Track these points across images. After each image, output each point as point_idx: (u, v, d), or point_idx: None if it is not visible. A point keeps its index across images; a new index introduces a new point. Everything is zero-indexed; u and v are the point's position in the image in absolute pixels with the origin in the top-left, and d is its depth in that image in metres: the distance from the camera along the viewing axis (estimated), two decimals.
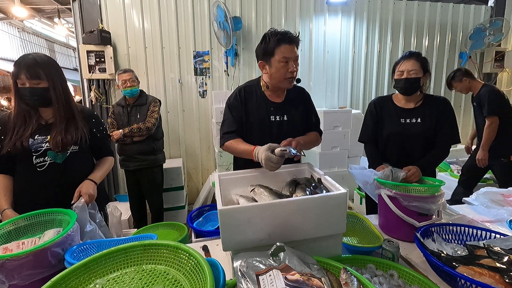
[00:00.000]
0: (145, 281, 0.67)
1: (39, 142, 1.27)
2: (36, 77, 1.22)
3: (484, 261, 0.89)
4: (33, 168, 1.27)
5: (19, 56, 1.24)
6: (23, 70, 1.20)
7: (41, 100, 1.26)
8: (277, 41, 1.31)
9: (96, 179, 1.37)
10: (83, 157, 1.40)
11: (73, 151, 1.32)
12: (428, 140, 1.58)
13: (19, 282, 0.84)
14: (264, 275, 0.68)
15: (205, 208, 2.04)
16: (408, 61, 1.55)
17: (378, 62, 4.08)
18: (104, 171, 1.45)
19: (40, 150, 1.27)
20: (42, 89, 1.24)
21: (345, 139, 3.32)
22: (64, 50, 11.77)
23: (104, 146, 1.51)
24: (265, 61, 1.37)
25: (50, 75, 1.26)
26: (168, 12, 3.38)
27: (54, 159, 1.29)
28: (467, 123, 4.58)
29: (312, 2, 3.73)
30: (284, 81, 1.38)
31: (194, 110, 3.64)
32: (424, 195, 1.26)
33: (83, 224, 1.14)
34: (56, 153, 1.28)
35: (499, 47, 4.31)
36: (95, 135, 1.42)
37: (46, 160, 1.28)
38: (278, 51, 1.32)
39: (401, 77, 1.56)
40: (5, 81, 7.25)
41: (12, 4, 5.93)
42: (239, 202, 1.10)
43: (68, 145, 1.29)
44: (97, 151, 1.49)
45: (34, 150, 1.26)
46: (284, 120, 1.46)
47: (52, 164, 1.29)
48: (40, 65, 1.23)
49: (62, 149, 1.28)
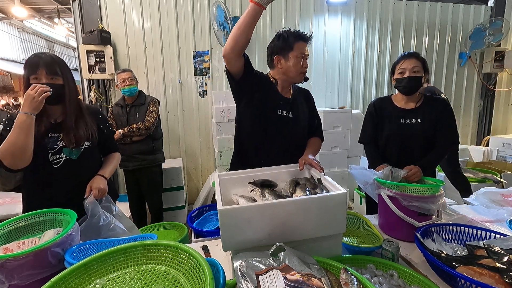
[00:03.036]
0: (145, 281, 0.67)
1: (54, 140, 1.30)
2: (54, 73, 1.26)
3: (484, 261, 0.89)
4: (50, 164, 1.30)
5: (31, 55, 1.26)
6: (42, 67, 1.23)
7: (56, 96, 1.28)
8: (297, 37, 1.38)
9: (106, 174, 1.41)
10: (94, 152, 1.44)
11: (86, 147, 1.36)
12: (427, 141, 1.58)
13: (19, 282, 0.84)
14: (264, 275, 0.68)
15: (205, 208, 2.04)
16: (409, 60, 1.55)
17: (378, 62, 4.08)
18: (113, 166, 1.49)
19: (56, 148, 1.31)
20: (58, 85, 1.28)
21: (345, 139, 3.31)
22: (64, 50, 11.76)
23: (111, 142, 1.55)
24: (283, 56, 1.40)
25: (65, 73, 1.30)
26: (168, 12, 3.38)
27: (69, 155, 1.33)
28: (467, 123, 4.58)
29: (312, 2, 3.73)
30: (298, 76, 1.43)
31: (194, 110, 3.64)
32: (424, 195, 1.26)
33: (97, 219, 1.17)
34: (71, 150, 1.32)
35: (499, 47, 4.31)
36: (102, 131, 1.46)
37: (61, 157, 1.32)
38: (297, 47, 1.38)
39: (403, 75, 1.56)
40: (5, 81, 7.24)
41: (12, 4, 5.93)
42: (239, 202, 1.10)
43: (81, 141, 1.33)
44: (104, 147, 1.52)
45: (50, 147, 1.29)
46: (290, 117, 1.47)
47: (68, 160, 1.33)
48: (57, 62, 1.28)
49: (76, 145, 1.32)
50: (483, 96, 4.54)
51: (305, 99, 1.59)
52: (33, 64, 1.23)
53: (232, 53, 1.22)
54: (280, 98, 1.46)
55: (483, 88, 4.52)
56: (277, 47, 1.41)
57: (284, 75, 1.43)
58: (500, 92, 4.58)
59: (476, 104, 4.56)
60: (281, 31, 1.42)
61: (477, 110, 4.59)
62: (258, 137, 1.43)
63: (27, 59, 1.25)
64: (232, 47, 1.20)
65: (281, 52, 1.41)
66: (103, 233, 1.16)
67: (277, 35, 1.43)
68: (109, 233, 1.18)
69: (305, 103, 1.57)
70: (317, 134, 1.61)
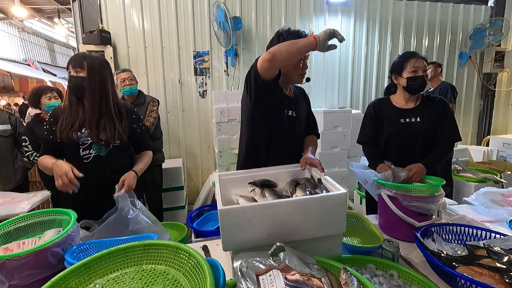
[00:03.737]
0: (145, 281, 0.67)
1: (86, 135, 1.37)
2: (80, 67, 1.34)
3: (484, 261, 0.89)
4: (81, 159, 1.37)
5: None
6: (72, 61, 1.34)
7: (76, 88, 1.35)
8: (298, 37, 1.33)
9: (138, 171, 1.48)
10: (124, 151, 1.48)
11: (115, 145, 1.41)
12: (428, 140, 1.58)
13: (19, 282, 0.84)
14: (264, 275, 0.68)
15: (205, 208, 2.03)
16: (419, 59, 1.55)
17: (378, 62, 4.08)
18: (145, 164, 1.55)
19: (87, 143, 1.37)
20: (79, 77, 1.34)
21: (345, 139, 3.31)
22: (64, 50, 11.77)
23: (143, 141, 1.59)
24: None
25: (92, 67, 1.35)
26: (168, 12, 3.38)
27: (98, 152, 1.39)
28: (467, 123, 4.58)
29: (312, 2, 3.73)
30: (299, 77, 1.42)
31: (194, 110, 3.64)
32: (424, 195, 1.26)
33: (127, 212, 1.23)
34: (100, 147, 1.38)
35: (499, 47, 4.31)
36: (135, 131, 1.51)
37: (91, 153, 1.38)
38: None
39: (417, 74, 1.54)
40: (5, 81, 7.24)
41: (12, 4, 5.93)
42: (239, 202, 1.10)
43: (109, 140, 1.37)
44: (137, 145, 1.57)
45: (81, 143, 1.36)
46: (294, 116, 1.46)
47: (97, 156, 1.39)
48: (86, 57, 1.35)
49: (105, 144, 1.38)
50: (483, 96, 4.55)
51: (303, 97, 1.59)
52: (70, 58, 1.36)
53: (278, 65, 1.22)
54: (286, 98, 1.46)
55: (483, 88, 4.52)
56: None
57: (284, 77, 1.42)
58: (500, 92, 4.58)
59: (476, 104, 4.56)
60: (281, 30, 1.39)
61: (477, 110, 4.59)
62: (269, 138, 1.42)
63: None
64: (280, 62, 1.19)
65: None
66: (131, 225, 1.22)
67: (277, 35, 1.40)
68: (136, 226, 1.23)
69: (304, 101, 1.58)
70: (313, 131, 1.61)
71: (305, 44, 1.16)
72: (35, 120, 2.45)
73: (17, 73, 7.42)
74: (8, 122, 2.46)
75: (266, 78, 1.22)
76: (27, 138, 2.31)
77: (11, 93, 7.97)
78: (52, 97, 2.41)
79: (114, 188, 1.32)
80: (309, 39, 1.16)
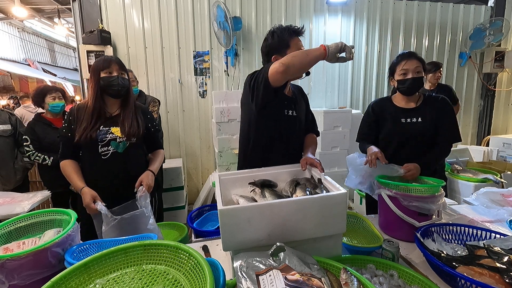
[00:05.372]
0: (145, 281, 0.67)
1: (104, 133, 1.42)
2: (124, 70, 1.46)
3: (484, 261, 0.89)
4: (99, 156, 1.42)
5: (100, 57, 1.48)
6: (115, 63, 1.43)
7: (124, 89, 1.46)
8: (292, 32, 1.37)
9: (154, 170, 1.54)
10: (139, 148, 1.55)
11: (132, 142, 1.47)
12: (428, 140, 1.58)
13: (19, 282, 0.84)
14: (264, 275, 0.68)
15: (205, 208, 2.04)
16: (411, 60, 1.54)
17: (378, 62, 4.08)
18: (159, 163, 1.62)
19: (105, 140, 1.42)
20: (126, 79, 1.47)
21: (345, 139, 3.31)
22: (64, 50, 11.77)
23: (156, 140, 1.67)
24: (280, 54, 1.35)
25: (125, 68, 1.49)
26: (168, 12, 3.38)
27: (116, 149, 1.44)
28: (467, 123, 4.58)
29: (312, 2, 3.72)
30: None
31: (194, 110, 3.64)
32: (424, 195, 1.26)
33: (148, 211, 1.31)
34: (118, 143, 1.44)
35: (499, 47, 4.31)
36: (149, 130, 1.58)
37: (109, 150, 1.43)
38: (293, 43, 1.37)
39: (406, 77, 1.55)
40: (5, 81, 7.24)
41: (12, 4, 5.93)
42: (239, 202, 1.10)
43: (131, 135, 1.44)
44: (150, 144, 1.64)
45: (100, 140, 1.40)
46: (294, 115, 1.46)
47: (114, 153, 1.44)
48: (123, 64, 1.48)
49: (127, 138, 1.44)
50: (483, 96, 4.54)
51: (302, 95, 1.59)
52: (107, 60, 1.43)
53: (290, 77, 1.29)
54: (286, 98, 1.46)
55: (483, 88, 4.52)
56: (274, 45, 1.38)
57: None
58: (500, 92, 4.57)
59: (476, 104, 4.56)
60: (273, 28, 1.39)
61: (477, 110, 4.59)
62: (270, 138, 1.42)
63: (98, 59, 1.45)
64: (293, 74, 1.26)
65: (278, 50, 1.38)
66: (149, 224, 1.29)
67: (270, 33, 1.40)
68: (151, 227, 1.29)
69: (302, 99, 1.58)
70: (313, 129, 1.61)
71: (318, 56, 1.19)
72: (36, 120, 2.45)
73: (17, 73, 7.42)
74: (8, 122, 2.46)
75: (276, 86, 1.25)
76: (28, 138, 2.30)
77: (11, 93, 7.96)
78: (57, 97, 2.40)
79: (129, 185, 1.41)
80: (320, 51, 1.19)
